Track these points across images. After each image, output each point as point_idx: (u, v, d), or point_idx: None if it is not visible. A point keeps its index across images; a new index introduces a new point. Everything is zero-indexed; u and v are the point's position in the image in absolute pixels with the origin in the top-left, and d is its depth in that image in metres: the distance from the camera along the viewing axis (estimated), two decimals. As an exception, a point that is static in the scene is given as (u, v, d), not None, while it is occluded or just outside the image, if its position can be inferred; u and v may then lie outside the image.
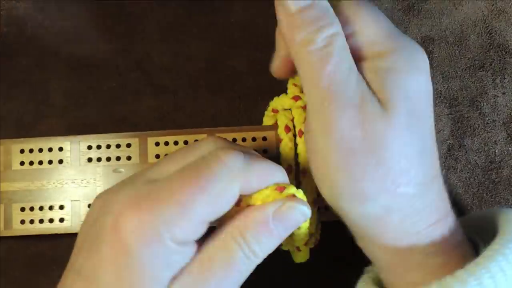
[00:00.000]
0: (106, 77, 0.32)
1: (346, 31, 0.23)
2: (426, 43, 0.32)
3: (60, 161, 0.30)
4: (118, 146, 0.30)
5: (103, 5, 0.32)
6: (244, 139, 0.30)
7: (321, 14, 0.22)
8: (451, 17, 0.32)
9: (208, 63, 0.32)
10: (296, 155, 0.28)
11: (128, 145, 0.30)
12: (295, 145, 0.28)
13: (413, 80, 0.22)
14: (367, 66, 0.23)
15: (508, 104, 0.32)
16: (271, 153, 0.29)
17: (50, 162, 0.30)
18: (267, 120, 0.30)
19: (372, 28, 0.23)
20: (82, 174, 0.30)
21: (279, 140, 0.29)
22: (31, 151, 0.30)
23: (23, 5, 0.33)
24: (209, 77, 0.32)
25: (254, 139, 0.30)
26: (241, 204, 0.23)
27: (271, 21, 0.32)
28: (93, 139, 0.30)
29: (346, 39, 0.23)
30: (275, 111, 0.29)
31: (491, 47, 0.32)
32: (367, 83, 0.22)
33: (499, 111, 0.32)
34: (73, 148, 0.30)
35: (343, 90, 0.22)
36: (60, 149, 0.30)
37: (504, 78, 0.32)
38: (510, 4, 0.32)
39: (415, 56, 0.23)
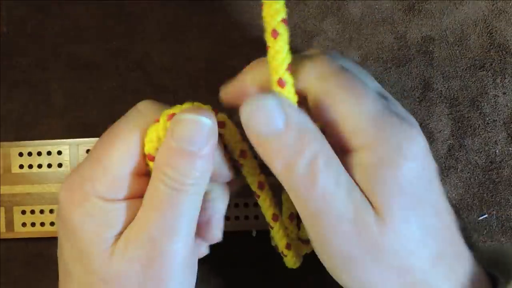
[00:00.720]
0: (106, 77, 0.32)
1: (328, 119, 0.21)
2: (426, 43, 0.32)
3: (60, 165, 0.30)
4: None
5: (103, 5, 0.32)
6: None
7: (299, 135, 0.20)
8: (452, 17, 0.32)
9: (208, 63, 0.32)
10: None
11: None
12: None
13: (406, 171, 0.21)
14: (354, 162, 0.21)
15: (508, 104, 0.31)
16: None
17: (49, 165, 0.30)
18: None
19: (355, 115, 0.21)
20: None
21: None
22: (29, 154, 0.30)
23: (23, 5, 0.33)
24: (209, 77, 0.32)
25: None
26: None
27: (271, 21, 0.32)
28: (92, 143, 0.30)
29: (330, 129, 0.21)
30: None
31: (492, 47, 0.32)
32: (357, 183, 0.21)
33: (499, 111, 0.32)
34: (72, 151, 0.30)
35: (334, 207, 0.21)
36: (59, 152, 0.30)
37: (505, 78, 0.32)
38: (510, 4, 0.32)
39: (405, 141, 0.21)
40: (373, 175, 0.21)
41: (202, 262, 0.24)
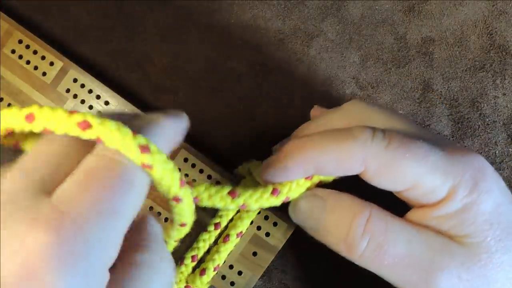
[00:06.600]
0: (106, 77, 0.32)
1: (399, 188, 0.22)
2: (426, 43, 0.32)
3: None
4: (98, 97, 0.31)
5: (103, 5, 0.32)
6: (201, 171, 0.29)
7: (343, 214, 0.22)
8: (452, 18, 0.32)
9: (208, 63, 0.32)
10: (232, 219, 0.28)
11: (106, 103, 0.31)
12: (238, 212, 0.28)
13: (488, 206, 0.21)
14: (434, 215, 0.22)
15: (508, 105, 0.31)
16: None
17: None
18: (241, 169, 0.29)
19: (421, 182, 0.21)
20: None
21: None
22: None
23: (23, 5, 0.33)
24: (209, 78, 0.32)
25: (209, 177, 0.29)
26: None
27: (271, 22, 0.32)
28: (92, 83, 0.31)
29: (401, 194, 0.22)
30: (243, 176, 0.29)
31: (492, 48, 0.32)
32: (445, 232, 0.22)
33: (499, 112, 0.31)
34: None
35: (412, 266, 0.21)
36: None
37: (505, 79, 0.32)
38: (510, 4, 0.32)
39: (479, 174, 0.21)
40: (459, 224, 0.21)
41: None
